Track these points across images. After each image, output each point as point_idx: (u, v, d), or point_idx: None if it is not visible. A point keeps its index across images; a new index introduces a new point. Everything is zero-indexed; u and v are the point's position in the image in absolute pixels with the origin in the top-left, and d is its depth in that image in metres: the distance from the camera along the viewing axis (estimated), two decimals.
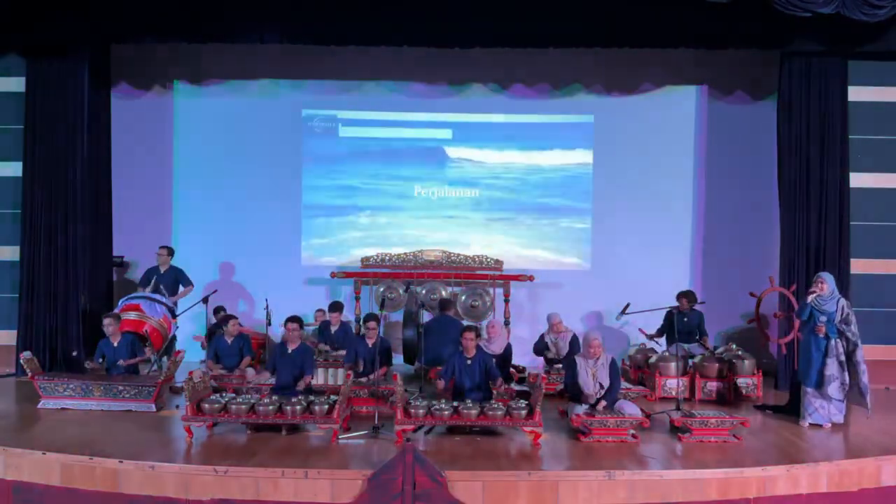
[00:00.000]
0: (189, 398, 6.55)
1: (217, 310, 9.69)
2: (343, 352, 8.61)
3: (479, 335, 7.64)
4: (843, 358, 7.23)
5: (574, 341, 8.61)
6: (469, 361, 7.34)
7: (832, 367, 7.20)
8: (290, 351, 7.45)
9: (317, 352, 8.91)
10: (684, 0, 8.32)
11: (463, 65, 10.37)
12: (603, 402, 6.98)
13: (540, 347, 8.97)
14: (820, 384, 7.21)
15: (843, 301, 7.31)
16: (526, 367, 9.00)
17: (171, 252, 9.76)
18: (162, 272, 9.61)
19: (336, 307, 9.48)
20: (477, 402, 6.79)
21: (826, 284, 7.24)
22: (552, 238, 10.86)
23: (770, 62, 9.70)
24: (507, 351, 8.37)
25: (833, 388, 7.20)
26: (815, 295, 7.21)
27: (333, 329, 9.21)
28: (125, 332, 8.28)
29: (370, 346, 7.96)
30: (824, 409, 7.26)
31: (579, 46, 9.58)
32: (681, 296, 9.21)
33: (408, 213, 10.89)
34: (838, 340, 7.23)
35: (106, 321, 8.19)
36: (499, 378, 7.40)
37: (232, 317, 8.70)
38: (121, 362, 8.03)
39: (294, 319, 7.59)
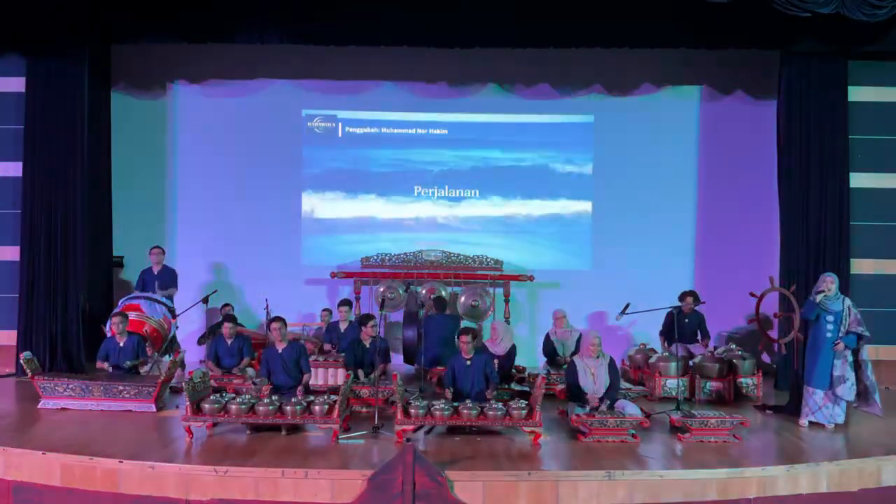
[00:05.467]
0: (189, 398, 6.55)
1: (224, 307, 9.68)
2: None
3: (475, 337, 7.60)
4: (851, 357, 7.26)
5: (580, 341, 8.57)
6: (468, 363, 7.33)
7: (842, 368, 7.23)
8: (280, 351, 7.42)
9: (316, 351, 8.91)
10: (684, 0, 8.32)
11: (463, 65, 10.38)
12: (606, 402, 6.97)
13: (549, 351, 8.87)
14: (831, 385, 7.22)
15: (847, 300, 7.35)
16: (526, 367, 8.99)
17: (163, 251, 9.74)
18: (155, 273, 9.58)
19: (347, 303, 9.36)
20: (477, 403, 6.78)
21: (834, 284, 7.28)
22: (552, 238, 10.86)
23: (770, 62, 9.71)
24: (512, 351, 8.35)
25: (843, 389, 7.22)
26: (823, 294, 7.20)
27: (343, 328, 9.02)
28: (130, 333, 8.27)
29: (367, 346, 7.95)
30: (829, 409, 7.26)
31: (579, 46, 9.57)
32: (685, 294, 9.21)
33: (408, 213, 10.89)
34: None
35: (115, 319, 8.19)
36: (490, 386, 7.30)
37: (230, 318, 8.66)
38: (127, 363, 8.02)
39: (277, 319, 7.55)
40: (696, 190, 10.73)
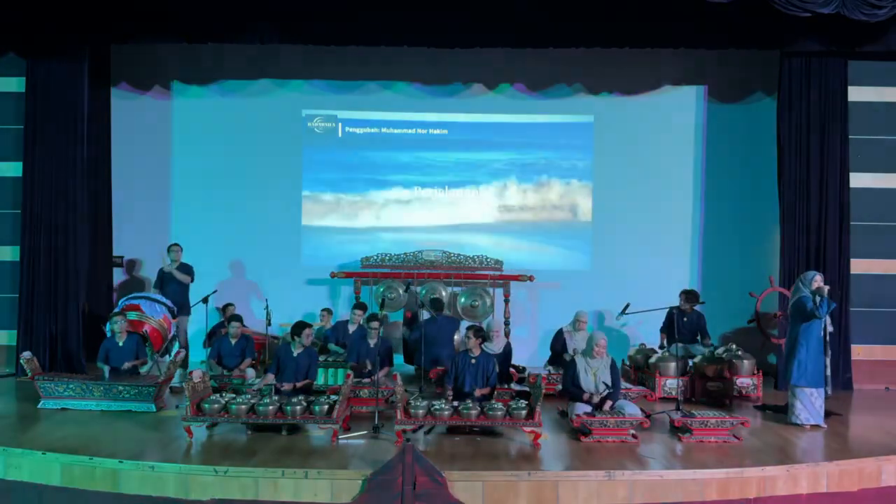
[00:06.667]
0: (189, 398, 6.55)
1: (226, 307, 9.67)
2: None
3: (478, 334, 7.58)
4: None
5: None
6: (473, 361, 7.36)
7: (829, 367, 7.26)
8: (295, 354, 7.46)
9: (319, 348, 8.92)
10: (684, 0, 8.32)
11: (463, 65, 10.38)
12: (609, 402, 6.99)
13: (558, 347, 8.81)
14: (825, 384, 7.24)
15: None
16: (526, 367, 8.99)
17: (181, 249, 9.71)
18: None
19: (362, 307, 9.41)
20: (477, 402, 6.79)
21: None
22: (552, 238, 10.85)
23: (770, 62, 9.71)
24: (507, 350, 8.35)
25: (830, 387, 7.27)
26: (822, 294, 7.18)
27: (352, 329, 9.03)
28: (130, 333, 8.28)
29: (371, 346, 7.98)
30: (822, 408, 7.27)
31: (579, 46, 9.58)
32: (682, 293, 9.22)
33: (407, 213, 10.89)
34: None
35: (115, 319, 8.19)
36: (488, 387, 7.34)
37: (236, 318, 8.67)
38: (126, 365, 8.02)
39: (307, 325, 7.58)
40: (696, 190, 10.72)
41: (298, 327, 7.52)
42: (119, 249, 10.49)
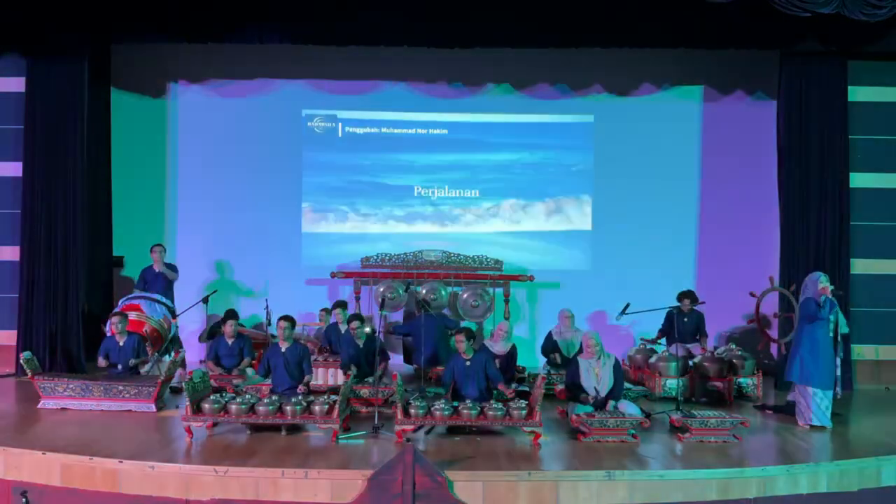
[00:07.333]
0: (189, 398, 6.55)
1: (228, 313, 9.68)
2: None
3: (469, 336, 7.56)
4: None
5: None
6: (468, 363, 7.34)
7: (839, 368, 7.26)
8: (283, 351, 7.46)
9: (315, 351, 8.90)
10: (684, 0, 8.32)
11: (463, 65, 10.38)
12: (611, 402, 6.98)
13: (548, 349, 8.89)
14: (835, 385, 7.24)
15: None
16: (526, 367, 8.98)
17: (164, 249, 9.72)
18: (157, 271, 9.57)
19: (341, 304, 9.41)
20: (477, 403, 6.79)
21: None
22: (552, 237, 10.85)
23: (770, 62, 9.70)
24: (513, 351, 8.34)
25: (839, 387, 7.28)
26: (828, 295, 7.17)
27: (343, 329, 9.07)
28: (130, 333, 8.28)
29: (360, 346, 7.96)
30: (828, 409, 7.26)
31: (579, 46, 9.58)
32: (682, 296, 9.20)
33: (408, 213, 10.89)
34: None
35: (115, 319, 8.20)
36: (499, 382, 7.32)
37: (232, 314, 8.67)
38: (132, 362, 8.03)
39: (285, 318, 7.57)
40: (696, 190, 10.71)
41: (279, 319, 7.56)
42: (118, 250, 10.49)
